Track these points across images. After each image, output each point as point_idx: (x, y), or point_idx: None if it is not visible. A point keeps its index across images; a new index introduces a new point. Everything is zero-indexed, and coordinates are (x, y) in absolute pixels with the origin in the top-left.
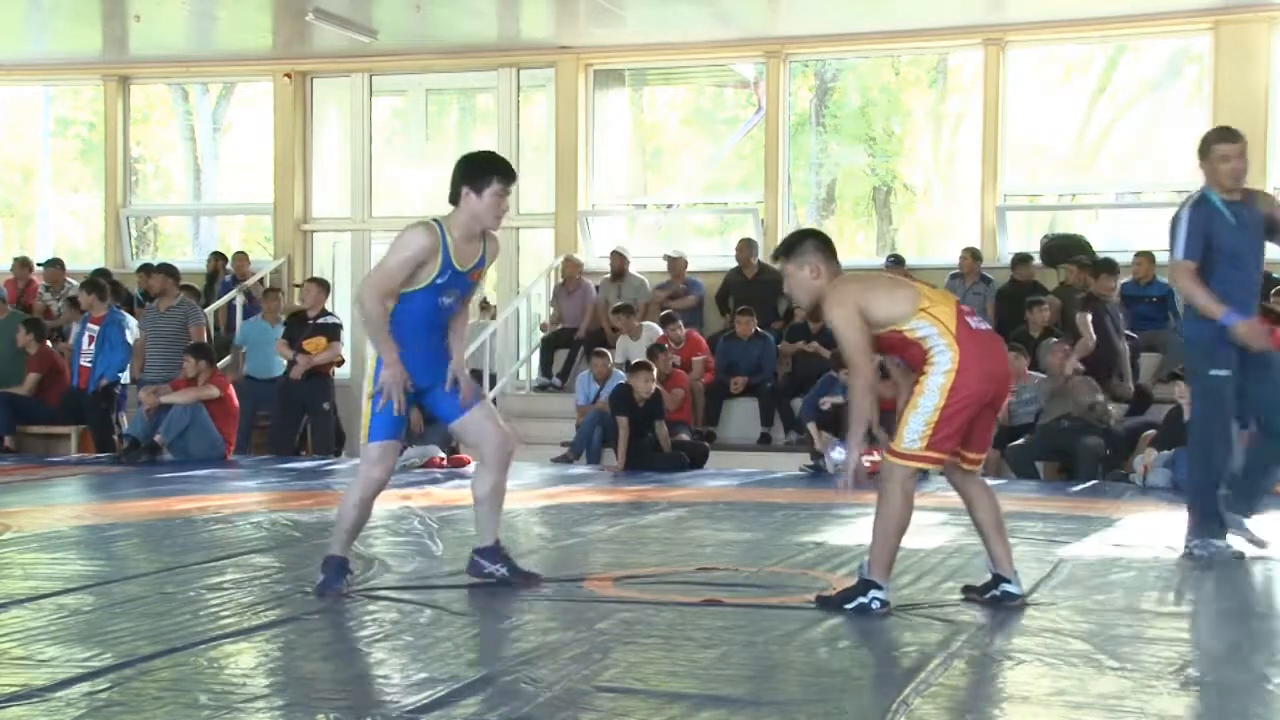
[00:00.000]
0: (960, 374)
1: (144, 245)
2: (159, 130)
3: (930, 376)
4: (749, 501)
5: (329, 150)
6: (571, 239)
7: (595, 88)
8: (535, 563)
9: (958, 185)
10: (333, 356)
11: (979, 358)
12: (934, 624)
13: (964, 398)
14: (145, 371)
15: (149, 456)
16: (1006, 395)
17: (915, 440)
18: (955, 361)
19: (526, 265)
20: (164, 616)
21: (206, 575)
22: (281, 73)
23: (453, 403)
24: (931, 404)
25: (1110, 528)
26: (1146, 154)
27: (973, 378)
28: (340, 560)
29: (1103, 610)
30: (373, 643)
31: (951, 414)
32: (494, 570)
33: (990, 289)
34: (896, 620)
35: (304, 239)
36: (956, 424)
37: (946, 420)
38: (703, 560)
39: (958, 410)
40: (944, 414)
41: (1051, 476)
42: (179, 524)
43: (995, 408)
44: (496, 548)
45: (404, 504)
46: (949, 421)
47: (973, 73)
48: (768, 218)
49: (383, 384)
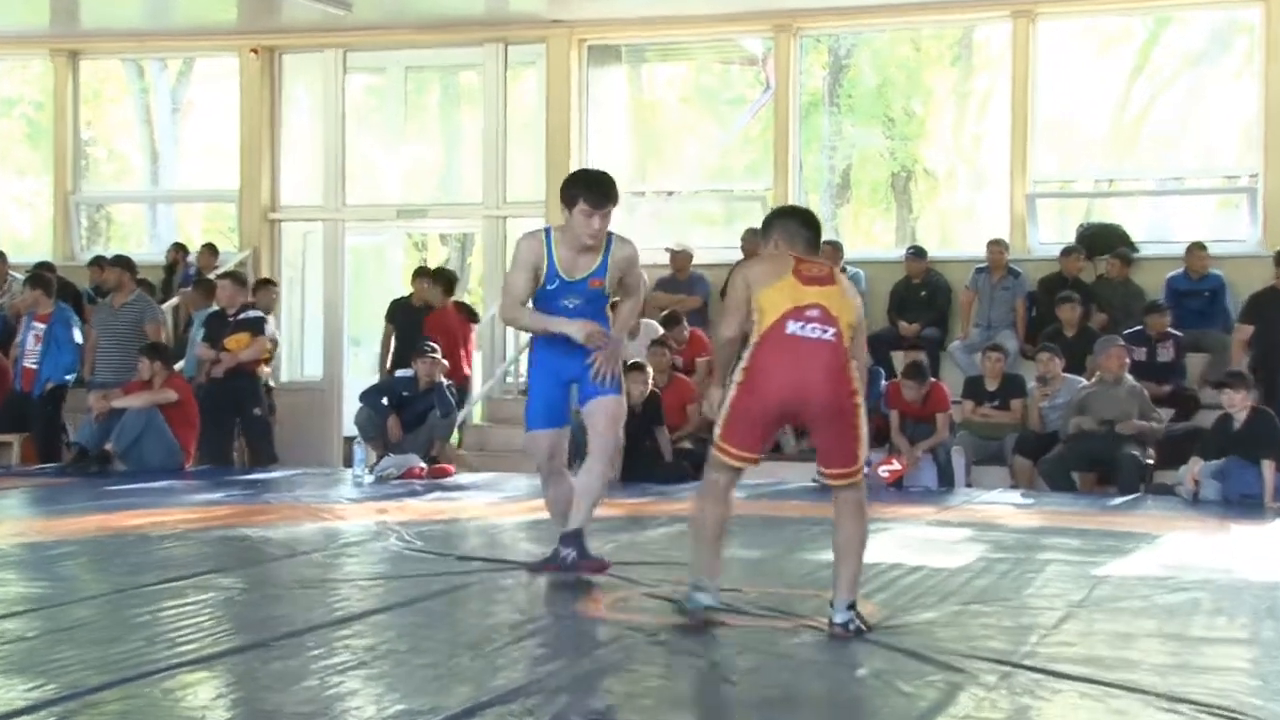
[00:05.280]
0: (748, 375)
1: (95, 235)
2: (112, 110)
3: (733, 370)
4: (756, 515)
5: (299, 133)
6: None
7: (589, 65)
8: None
9: (984, 171)
10: (258, 352)
11: (777, 366)
12: (960, 650)
13: (750, 403)
14: (96, 374)
15: (99, 467)
16: (832, 413)
17: (717, 426)
18: (748, 360)
19: None
20: (115, 643)
21: (162, 598)
22: (247, 48)
23: (589, 388)
24: (727, 397)
25: (1153, 545)
26: (1191, 136)
27: (760, 385)
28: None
29: (1146, 636)
30: (345, 671)
31: (739, 415)
32: (567, 555)
33: (1020, 283)
34: (920, 644)
35: (271, 229)
36: (745, 426)
37: (735, 419)
38: None
39: (744, 413)
40: (732, 412)
41: (1088, 488)
42: (132, 541)
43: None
44: (576, 534)
45: (380, 519)
46: (738, 421)
47: (1000, 47)
48: (777, 206)
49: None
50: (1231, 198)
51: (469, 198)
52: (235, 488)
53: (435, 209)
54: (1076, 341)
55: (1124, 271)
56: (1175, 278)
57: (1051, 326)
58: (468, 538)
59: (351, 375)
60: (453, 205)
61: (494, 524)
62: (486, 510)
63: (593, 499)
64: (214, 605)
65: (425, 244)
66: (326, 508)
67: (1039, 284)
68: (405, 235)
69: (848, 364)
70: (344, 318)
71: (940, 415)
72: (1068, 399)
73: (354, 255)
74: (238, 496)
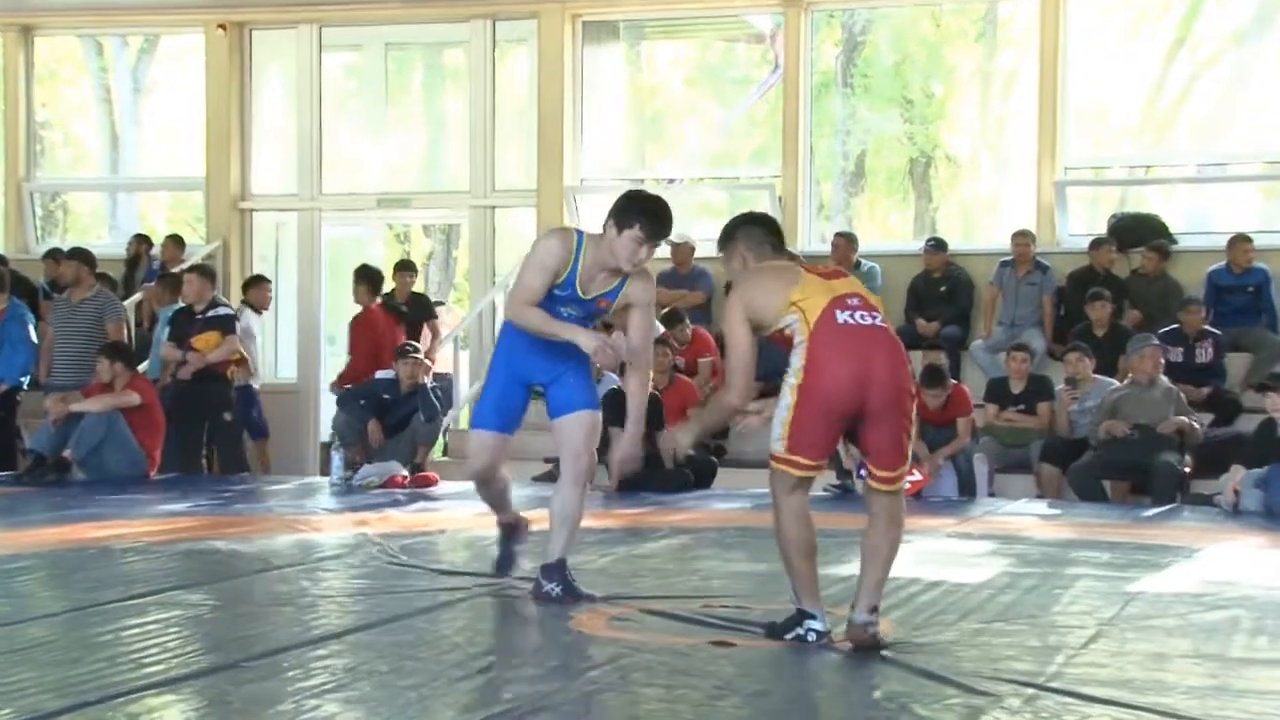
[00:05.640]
0: (808, 374)
1: (51, 226)
2: (69, 91)
3: (785, 378)
4: (763, 527)
5: (271, 115)
6: (556, 219)
7: (585, 42)
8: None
9: (1009, 157)
10: (228, 353)
11: (836, 360)
12: (981, 671)
13: (817, 403)
14: (53, 375)
15: (56, 475)
16: (891, 403)
17: (777, 440)
18: (803, 359)
19: (503, 251)
20: (75, 664)
21: (125, 615)
22: (215, 23)
23: (563, 399)
24: (785, 404)
25: (1190, 559)
26: (1234, 118)
27: (826, 380)
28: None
29: (1181, 657)
30: (322, 693)
31: (806, 418)
32: (551, 589)
33: (1047, 278)
34: (939, 665)
35: (242, 219)
36: (817, 431)
37: (801, 425)
38: (710, 596)
39: (812, 415)
40: (796, 417)
41: (1120, 498)
42: (92, 555)
43: (880, 416)
44: (559, 565)
45: (360, 531)
46: (806, 427)
47: (1027, 22)
48: (786, 195)
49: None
50: (1277, 185)
51: (454, 186)
52: (203, 497)
53: (418, 198)
54: (1108, 341)
55: (1160, 265)
56: (1216, 272)
57: (1081, 324)
58: (453, 550)
59: (328, 377)
60: (437, 194)
61: (481, 536)
62: (473, 521)
63: (573, 525)
64: (181, 624)
65: (408, 236)
66: (302, 519)
67: (1068, 279)
68: (386, 226)
69: (904, 349)
70: (320, 315)
71: (961, 420)
72: (1098, 402)
73: (331, 248)
74: (206, 507)
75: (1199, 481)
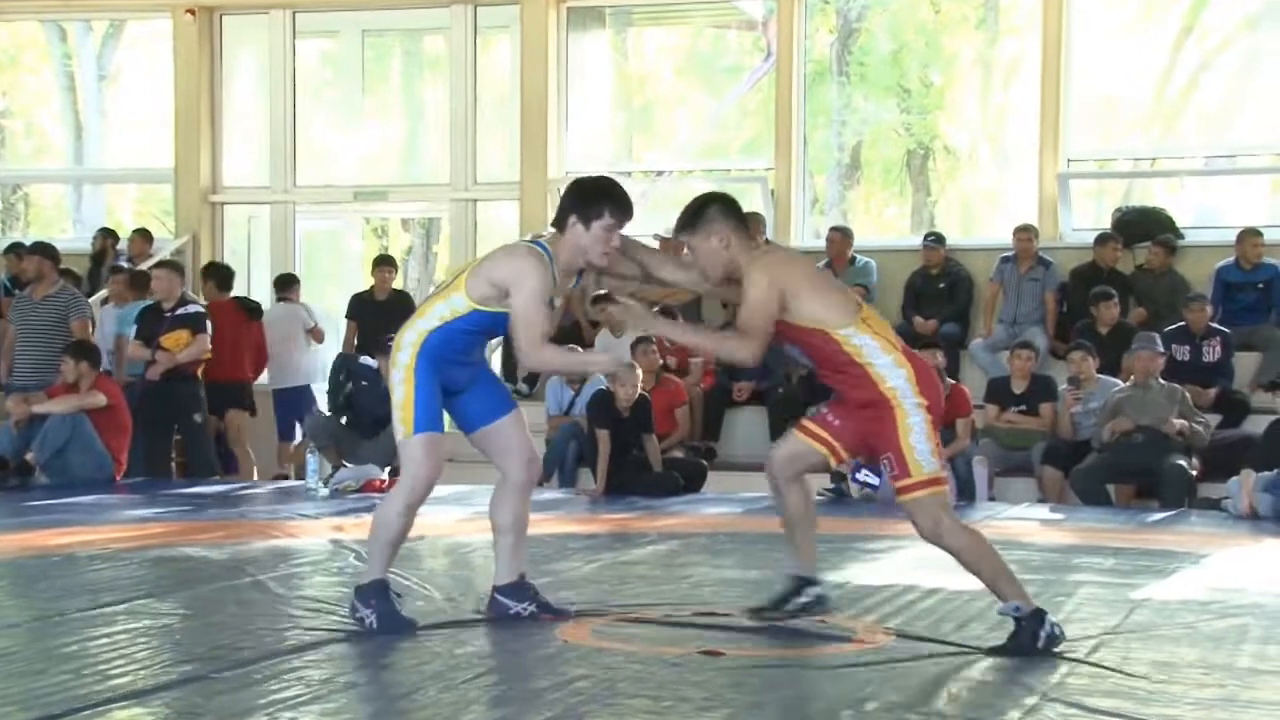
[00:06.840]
0: (920, 390)
1: (12, 220)
2: (30, 79)
3: (900, 399)
4: (755, 532)
5: (242, 104)
6: (540, 213)
7: (570, 29)
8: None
9: (1010, 148)
10: (198, 352)
11: (924, 379)
12: (985, 682)
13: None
14: (14, 375)
15: (19, 479)
16: None
17: (932, 461)
18: (913, 375)
19: (485, 246)
20: (39, 676)
21: (92, 625)
22: (183, 8)
23: (484, 407)
24: (919, 420)
25: (1197, 565)
26: (1243, 109)
27: (932, 393)
28: (382, 583)
29: (1188, 667)
30: (297, 705)
31: (935, 436)
32: (521, 609)
33: (1050, 274)
34: (937, 674)
35: (212, 213)
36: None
37: (936, 443)
38: (700, 603)
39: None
40: (931, 434)
41: (1125, 502)
42: (57, 562)
43: None
44: (522, 583)
45: (335, 536)
46: (937, 445)
47: (1029, 10)
48: (779, 187)
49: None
50: None
51: (434, 178)
52: (173, 502)
53: (397, 191)
54: (1112, 339)
55: (1167, 261)
56: (1225, 268)
57: (1084, 322)
58: (433, 557)
59: None
60: (416, 186)
61: (462, 542)
62: (455, 527)
63: (522, 535)
64: (150, 634)
65: (386, 230)
66: (276, 524)
67: (1071, 275)
68: (363, 220)
69: None
70: None
71: (960, 421)
72: (1102, 402)
73: (306, 242)
74: (176, 512)
75: (1206, 485)
